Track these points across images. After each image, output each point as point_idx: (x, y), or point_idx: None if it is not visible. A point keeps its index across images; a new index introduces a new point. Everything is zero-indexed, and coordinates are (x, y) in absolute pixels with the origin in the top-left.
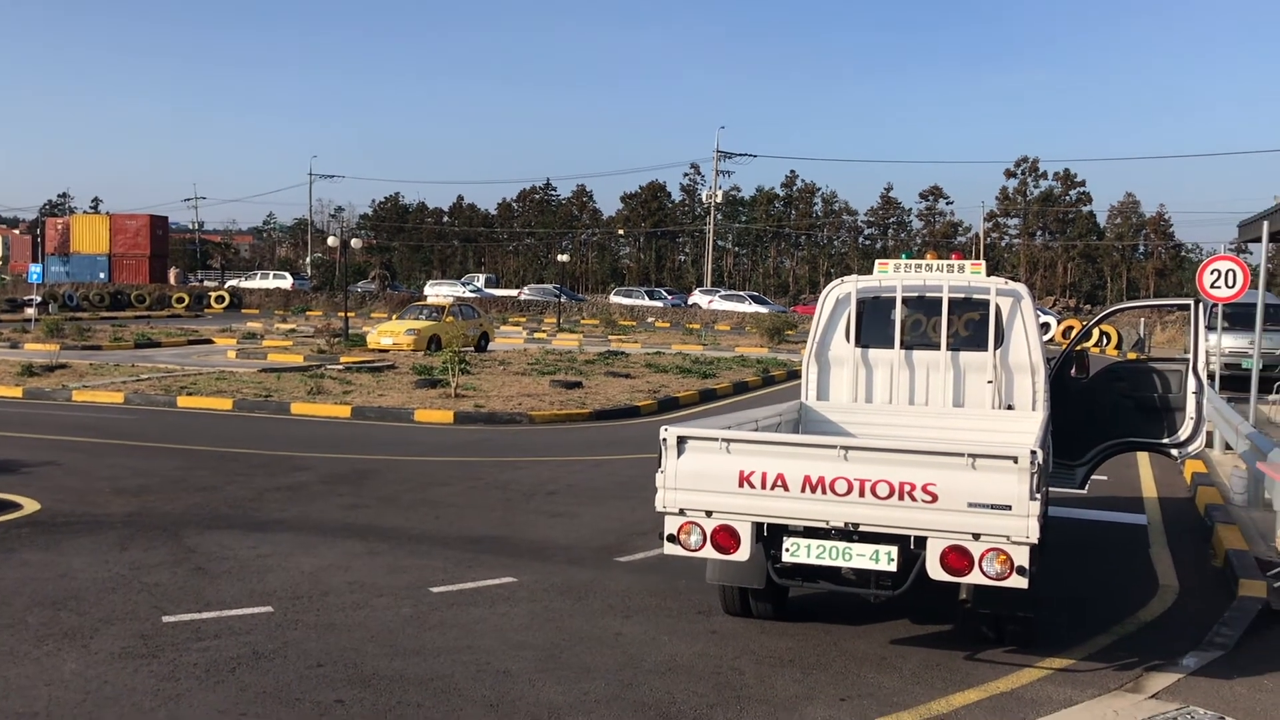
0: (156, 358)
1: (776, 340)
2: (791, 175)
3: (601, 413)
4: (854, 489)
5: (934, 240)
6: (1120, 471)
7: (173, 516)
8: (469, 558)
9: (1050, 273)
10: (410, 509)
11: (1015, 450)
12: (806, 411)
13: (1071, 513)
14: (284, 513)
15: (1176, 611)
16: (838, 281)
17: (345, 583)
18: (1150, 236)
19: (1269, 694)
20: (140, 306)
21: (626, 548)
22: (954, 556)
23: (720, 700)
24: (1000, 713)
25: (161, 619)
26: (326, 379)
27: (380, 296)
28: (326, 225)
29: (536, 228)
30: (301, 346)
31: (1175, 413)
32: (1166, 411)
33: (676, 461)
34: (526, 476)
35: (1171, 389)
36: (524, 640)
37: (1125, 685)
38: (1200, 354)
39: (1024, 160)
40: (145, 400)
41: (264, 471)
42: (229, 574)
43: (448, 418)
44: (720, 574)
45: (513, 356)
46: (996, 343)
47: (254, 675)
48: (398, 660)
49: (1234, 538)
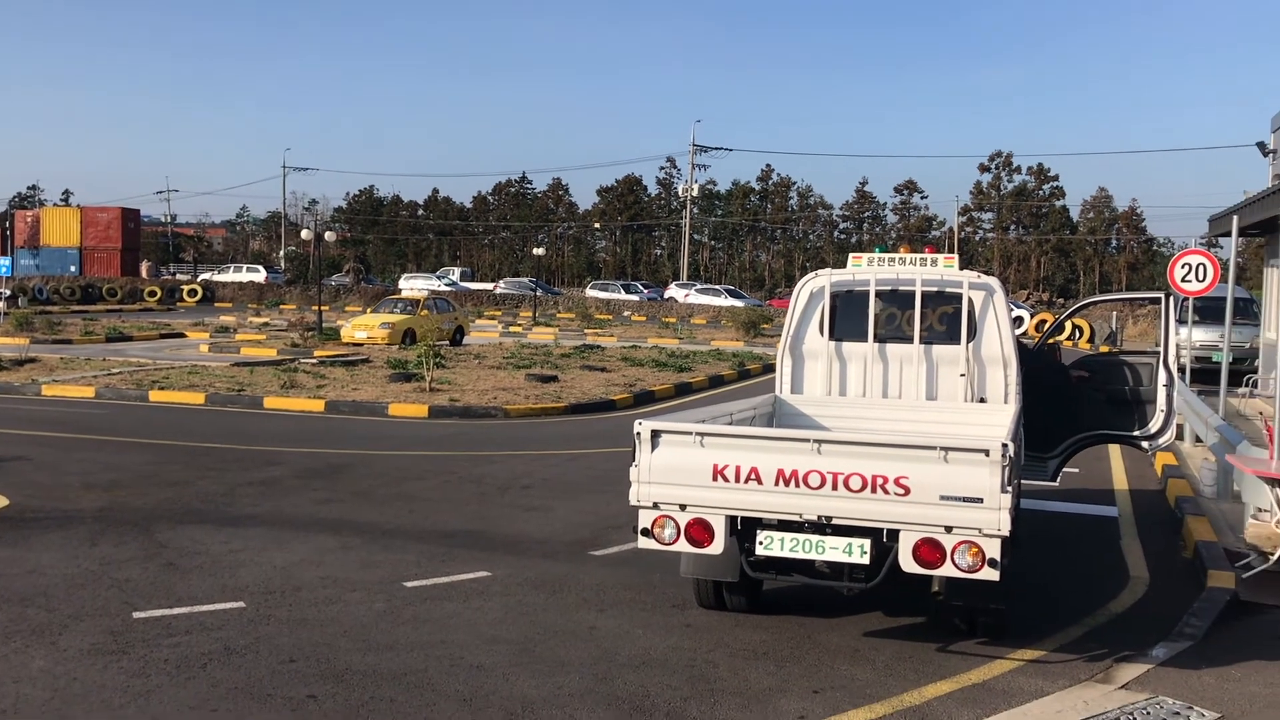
0: (128, 352)
1: (752, 334)
2: (767, 169)
3: (577, 406)
4: (827, 482)
5: (909, 234)
6: (1092, 464)
7: (144, 511)
8: (443, 552)
9: (1024, 267)
10: (384, 503)
11: (986, 443)
12: (781, 405)
13: (1044, 505)
14: (257, 507)
15: (1147, 603)
16: (812, 275)
17: (318, 578)
18: (1123, 231)
19: (1236, 684)
20: (112, 300)
21: (601, 541)
22: (926, 549)
23: (694, 693)
24: (972, 704)
25: (132, 615)
26: (300, 373)
27: (354, 290)
28: (300, 218)
29: (512, 221)
30: (275, 340)
31: (1146, 405)
32: (1137, 404)
33: (650, 455)
34: (501, 470)
35: (1142, 382)
36: (498, 634)
37: (1096, 676)
38: (1171, 347)
39: (998, 155)
40: (116, 395)
41: (236, 466)
42: (200, 569)
43: (422, 412)
44: (694, 567)
45: (488, 350)
46: (969, 336)
47: (225, 671)
48: (371, 655)
49: (1203, 529)
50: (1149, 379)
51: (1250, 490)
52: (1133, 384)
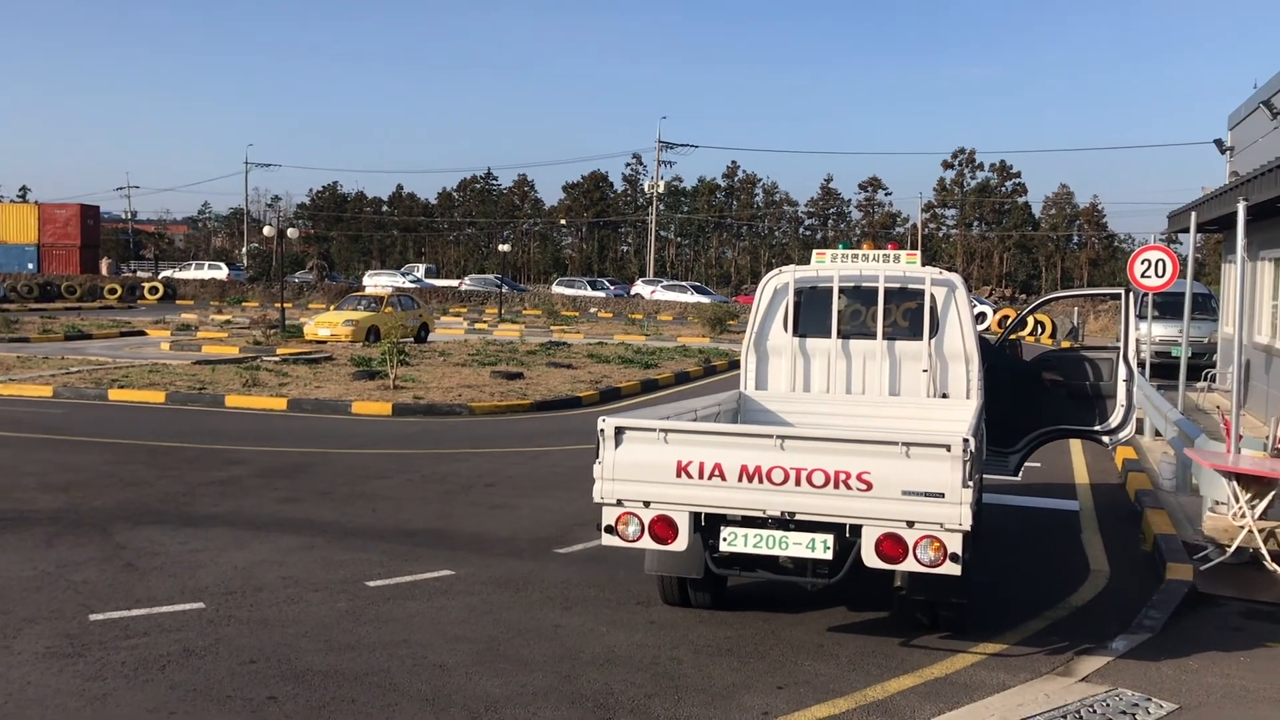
0: (87, 350)
1: (718, 330)
2: (733, 166)
3: (543, 403)
4: (790, 478)
5: (873, 231)
6: (1053, 458)
7: (102, 512)
8: (406, 551)
9: (986, 263)
10: (347, 502)
11: (948, 438)
12: (745, 401)
13: (1005, 499)
14: (217, 507)
15: (1107, 595)
16: (776, 272)
17: (279, 578)
18: (1084, 227)
19: (1194, 674)
20: (71, 298)
21: (566, 539)
22: (889, 544)
23: (658, 690)
24: (935, 698)
25: (89, 617)
26: (262, 371)
27: (318, 287)
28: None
29: (477, 217)
30: (237, 338)
31: (1106, 400)
32: (1098, 399)
33: (614, 452)
34: (466, 468)
35: (1102, 377)
36: (461, 633)
37: (1056, 669)
38: (1131, 342)
39: (961, 152)
40: (75, 394)
41: (197, 465)
42: (159, 570)
43: (386, 410)
44: (659, 564)
45: (453, 347)
46: (931, 332)
47: (184, 673)
48: (332, 655)
49: (1163, 522)
50: (1109, 374)
51: (1208, 484)
52: (1093, 379)
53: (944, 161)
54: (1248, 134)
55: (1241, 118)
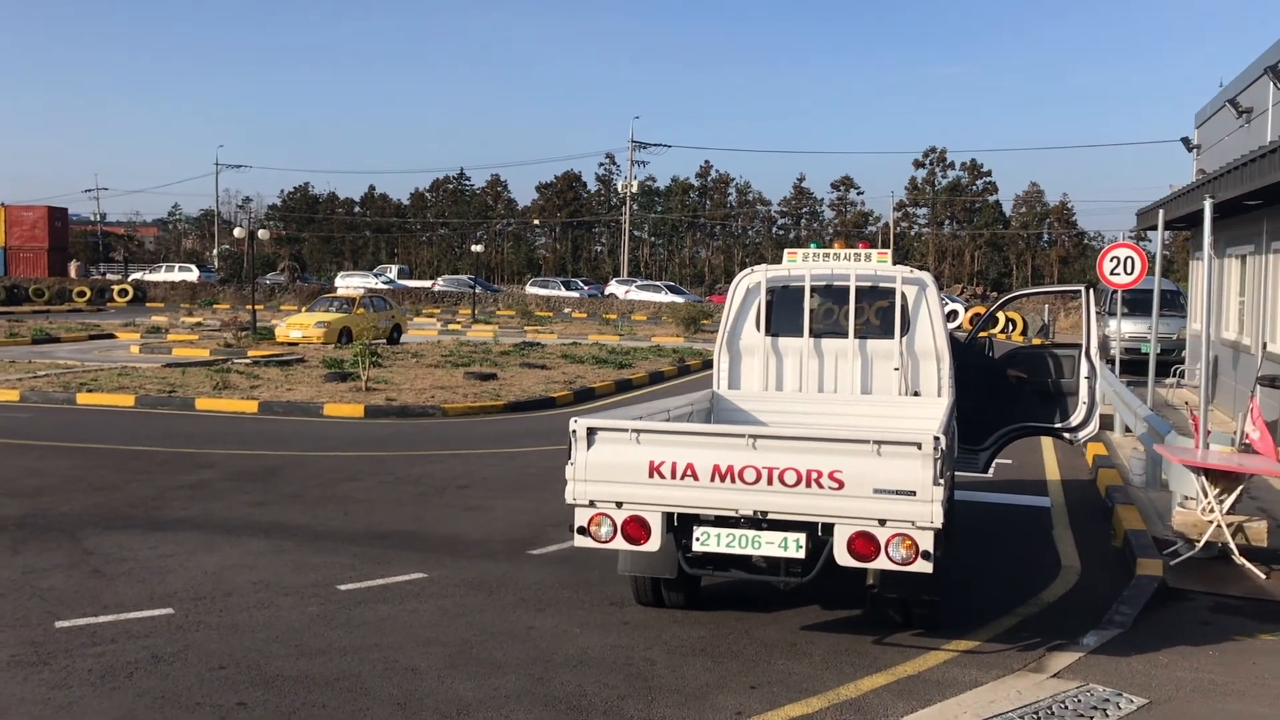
0: (56, 354)
1: (692, 329)
2: (706, 165)
3: (516, 404)
4: (762, 477)
5: (846, 230)
6: (1025, 455)
7: (70, 517)
8: (378, 554)
9: (958, 261)
10: (318, 505)
11: (919, 436)
12: (718, 400)
13: (977, 496)
14: (187, 511)
15: (1078, 591)
16: (748, 271)
17: (250, 582)
18: (1054, 225)
19: (1164, 670)
20: (39, 301)
21: (540, 540)
22: (861, 542)
23: (631, 691)
24: (907, 696)
25: (55, 624)
26: (233, 373)
27: (290, 289)
28: (234, 216)
29: (450, 218)
30: (208, 340)
31: (1069, 397)
32: (1060, 396)
33: (586, 453)
34: (439, 470)
35: (1065, 374)
36: (434, 637)
37: (1028, 665)
38: (1093, 338)
39: (932, 151)
40: (42, 398)
41: (167, 469)
42: (128, 575)
43: (358, 412)
44: (632, 565)
45: (426, 349)
46: (902, 330)
47: (152, 680)
48: (303, 660)
49: (1133, 518)
50: (1071, 371)
51: (1177, 479)
52: (1056, 376)
53: (915, 160)
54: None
55: (1208, 116)
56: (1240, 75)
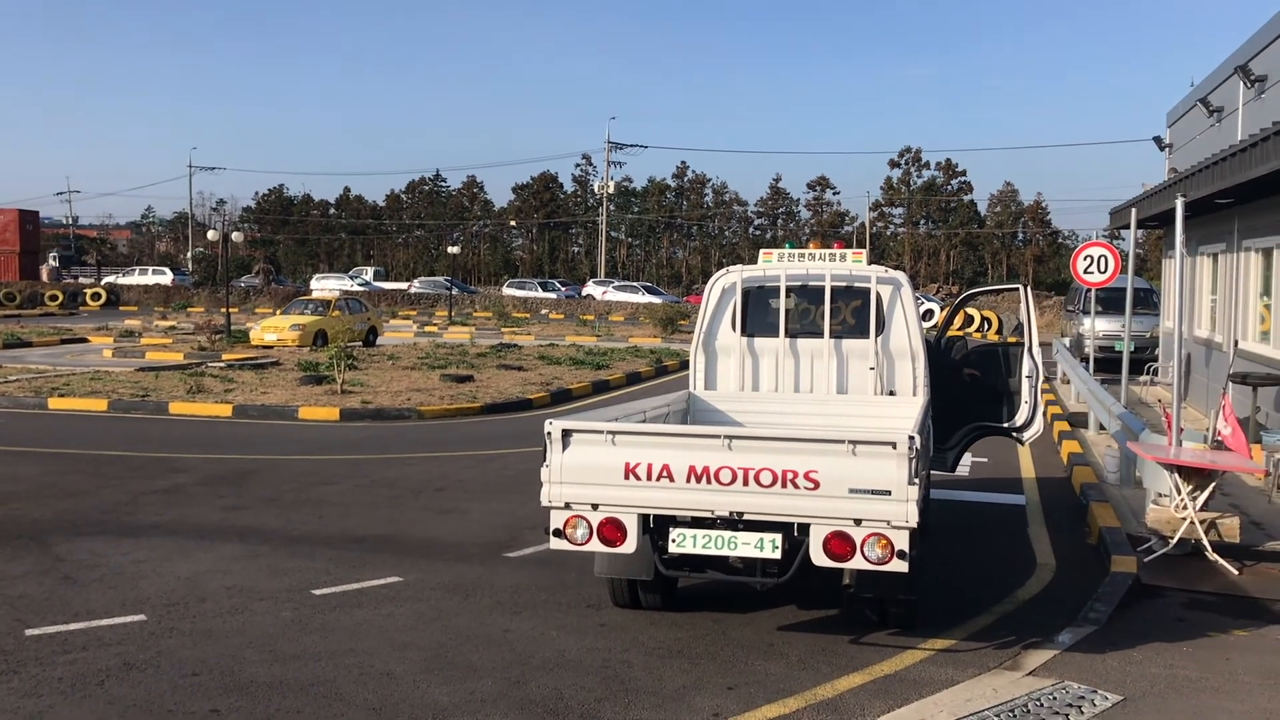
0: (27, 358)
1: (670, 330)
2: (682, 166)
3: (493, 406)
4: (738, 478)
5: (822, 230)
6: (1000, 453)
7: (41, 524)
8: (353, 558)
9: (934, 260)
10: (293, 509)
11: (894, 436)
12: (695, 401)
13: (953, 494)
14: (160, 516)
15: (1053, 589)
16: (723, 271)
17: (223, 587)
18: (1029, 224)
19: (1138, 666)
20: (10, 305)
21: (516, 543)
22: (836, 542)
23: (608, 694)
24: (884, 695)
25: (24, 632)
26: (207, 377)
27: (264, 291)
28: (208, 218)
29: (426, 219)
30: (182, 344)
31: (1015, 396)
32: (1007, 395)
33: (562, 455)
34: (414, 473)
35: (1012, 372)
36: (409, 641)
37: (1004, 663)
38: (1033, 337)
39: (907, 150)
40: (13, 403)
41: (140, 474)
42: (100, 582)
43: (333, 415)
44: (608, 567)
45: (402, 351)
46: (878, 330)
47: (124, 687)
48: (277, 666)
49: (1107, 515)
50: (1015, 369)
51: (1151, 476)
52: (1005, 374)
53: (891, 160)
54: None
55: (1180, 115)
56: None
